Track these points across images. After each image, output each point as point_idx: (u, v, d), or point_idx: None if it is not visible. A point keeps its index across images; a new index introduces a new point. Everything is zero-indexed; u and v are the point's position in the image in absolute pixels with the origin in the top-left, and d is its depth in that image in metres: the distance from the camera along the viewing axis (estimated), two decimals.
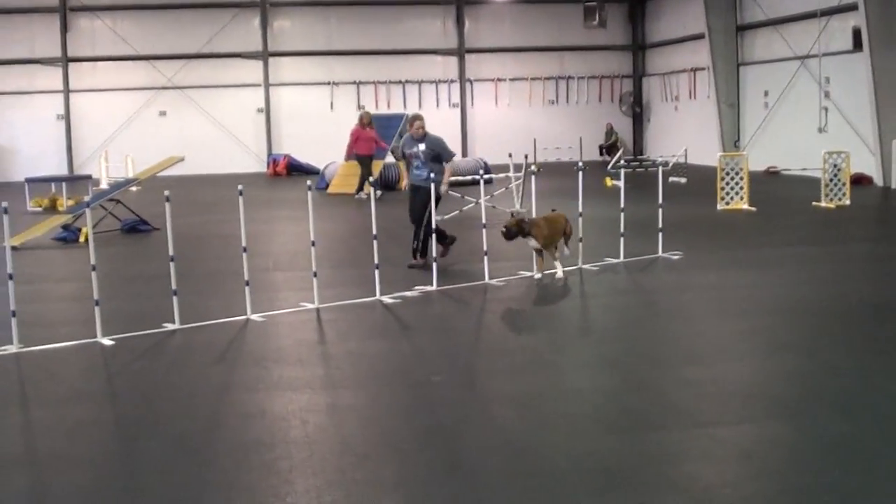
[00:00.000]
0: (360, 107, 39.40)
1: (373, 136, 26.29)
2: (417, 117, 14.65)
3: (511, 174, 21.28)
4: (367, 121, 26.27)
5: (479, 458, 6.62)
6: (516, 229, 13.13)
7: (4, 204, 10.19)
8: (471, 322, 11.12)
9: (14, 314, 10.00)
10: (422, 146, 14.47)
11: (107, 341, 10.22)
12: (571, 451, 6.71)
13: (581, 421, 7.39)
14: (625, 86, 42.40)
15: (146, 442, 7.19)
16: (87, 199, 12.08)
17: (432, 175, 13.74)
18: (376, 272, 12.16)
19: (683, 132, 37.66)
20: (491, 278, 12.98)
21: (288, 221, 20.49)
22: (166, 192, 10.82)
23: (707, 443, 6.78)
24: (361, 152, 26.09)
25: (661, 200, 14.80)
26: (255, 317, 11.18)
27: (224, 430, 7.38)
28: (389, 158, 28.46)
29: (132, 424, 7.70)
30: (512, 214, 13.82)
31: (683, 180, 28.04)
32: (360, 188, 26.12)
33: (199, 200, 25.80)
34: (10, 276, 10.03)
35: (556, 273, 13.18)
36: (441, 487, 6.17)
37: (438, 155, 14.44)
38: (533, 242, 13.23)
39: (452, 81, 41.23)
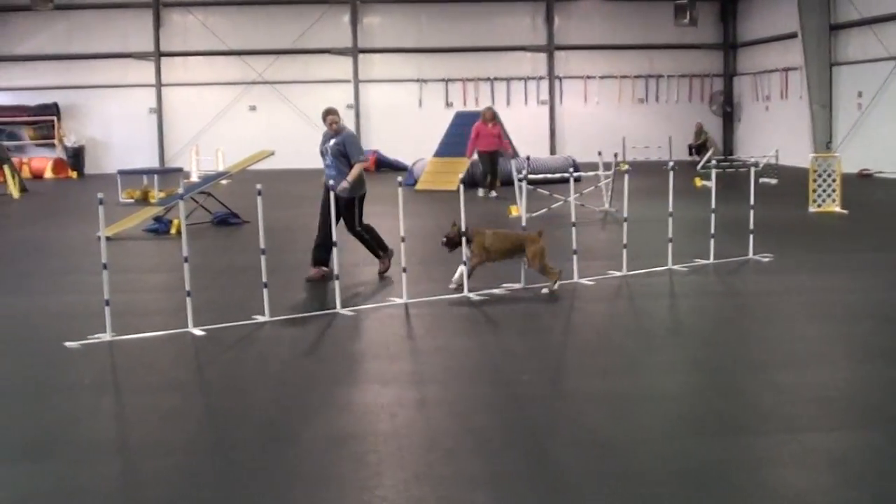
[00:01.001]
0: (448, 104, 39.55)
1: (496, 132, 25.57)
2: (330, 111, 13.63)
3: (600, 173, 21.18)
4: (489, 116, 25.58)
5: (568, 457, 6.60)
6: (458, 239, 12.27)
7: (100, 195, 10.38)
8: (560, 321, 11.08)
9: (108, 303, 10.19)
10: (332, 141, 13.51)
11: (198, 331, 10.37)
12: (661, 453, 6.67)
13: (670, 423, 7.35)
14: (715, 85, 41.96)
15: (237, 431, 7.29)
16: (180, 191, 12.24)
17: (339, 179, 13.16)
18: (464, 269, 12.17)
19: (774, 133, 37.17)
20: (580, 277, 12.93)
21: (376, 217, 20.53)
22: (258, 186, 10.94)
23: (798, 449, 6.69)
24: (484, 149, 25.49)
25: (752, 201, 14.62)
26: (343, 311, 11.26)
27: (314, 421, 7.45)
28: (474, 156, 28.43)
29: (223, 414, 7.82)
30: (454, 224, 12.39)
31: (774, 181, 27.68)
32: (492, 186, 25.47)
33: (288, 194, 26.04)
34: (105, 266, 10.21)
35: (451, 282, 12.32)
36: (529, 486, 6.16)
37: (346, 154, 13.42)
38: (467, 250, 12.29)
39: (541, 78, 41.13)
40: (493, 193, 24.78)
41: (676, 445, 6.81)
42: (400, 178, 12.51)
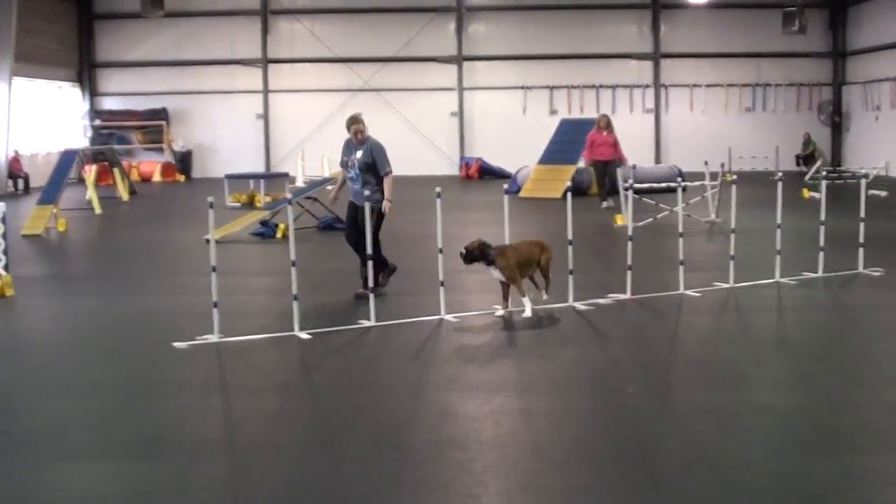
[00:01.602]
0: (552, 111, 39.43)
1: (611, 140, 24.76)
2: (355, 119, 12.80)
3: (707, 182, 20.95)
4: (604, 124, 24.87)
5: (674, 471, 6.53)
6: (478, 253, 11.39)
7: (210, 199, 10.55)
8: (666, 332, 10.97)
9: (216, 305, 10.34)
10: (359, 153, 12.69)
11: (304, 335, 10.48)
12: (769, 470, 6.55)
13: (779, 439, 7.23)
14: (824, 94, 41.19)
15: (344, 434, 7.35)
16: (288, 195, 12.34)
17: (366, 193, 12.45)
18: (570, 278, 12.13)
19: (885, 144, 36.38)
20: (687, 288, 12.79)
21: (480, 224, 20.61)
22: (366, 192, 11.02)
23: None
24: (598, 158, 24.82)
25: (862, 213, 14.32)
26: (448, 317, 11.30)
27: (419, 426, 7.48)
28: (581, 163, 28.30)
29: (330, 416, 7.88)
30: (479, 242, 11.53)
31: (884, 193, 27.09)
32: (601, 196, 24.91)
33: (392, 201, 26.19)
34: (214, 269, 10.37)
35: (523, 312, 11.46)
36: (634, 500, 6.11)
37: (374, 166, 12.70)
38: (496, 274, 11.50)
39: (647, 86, 40.82)
40: (604, 204, 24.37)
41: (785, 463, 6.69)
42: (506, 186, 12.49)
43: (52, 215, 21.83)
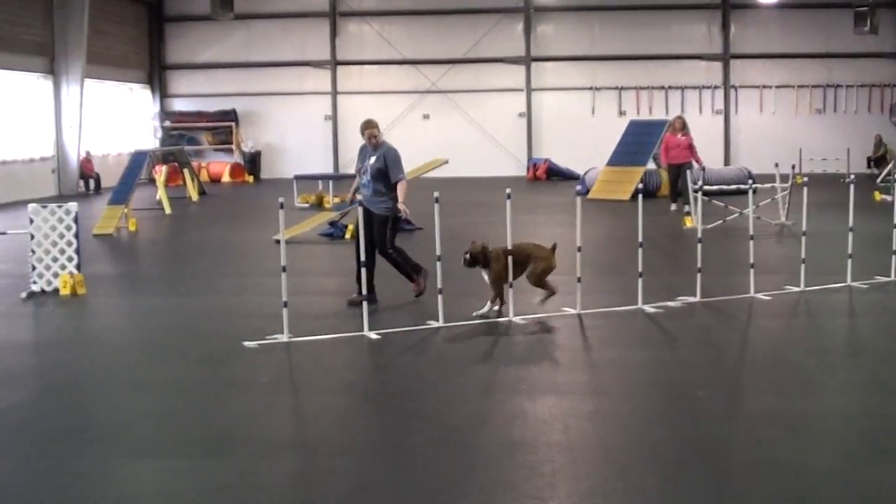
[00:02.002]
0: (621, 112, 39.26)
1: (686, 143, 23.72)
2: (370, 124, 12.68)
3: (777, 185, 20.73)
4: (679, 126, 23.92)
5: (744, 477, 6.47)
6: (481, 256, 11.51)
7: (281, 199, 10.65)
8: (735, 336, 10.88)
9: (286, 304, 10.41)
10: (372, 159, 12.48)
11: (373, 335, 10.53)
12: (841, 477, 6.47)
13: (851, 446, 7.13)
14: (895, 95, 40.61)
15: (412, 435, 7.38)
16: (360, 197, 12.32)
17: (377, 200, 12.29)
18: (639, 280, 12.07)
19: None
20: (757, 291, 12.66)
21: (548, 226, 20.59)
22: (436, 193, 11.06)
23: None
24: (673, 161, 23.74)
25: None
26: (517, 319, 11.28)
27: (488, 428, 7.49)
28: (650, 164, 28.12)
29: (398, 417, 7.91)
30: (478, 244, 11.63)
31: None
32: (673, 199, 24.02)
33: (460, 202, 26.17)
34: (284, 268, 10.45)
35: (482, 309, 11.56)
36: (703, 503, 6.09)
37: (386, 173, 12.41)
38: (486, 277, 11.65)
39: (716, 87, 40.44)
40: (674, 206, 23.90)
41: (858, 470, 6.60)
42: (578, 187, 12.43)
43: (122, 215, 22.13)
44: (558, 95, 40.44)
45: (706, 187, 17.29)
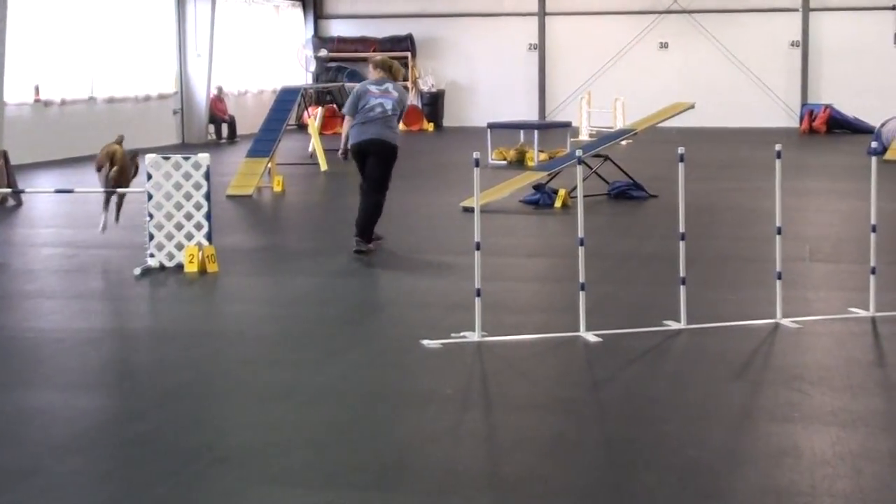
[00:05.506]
0: None
1: None
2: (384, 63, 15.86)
3: None
4: None
5: None
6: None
7: (476, 154, 10.66)
8: None
9: (479, 293, 10.43)
10: (394, 92, 15.30)
11: (591, 337, 10.49)
12: None
13: None
14: None
15: (643, 473, 7.31)
16: (571, 151, 12.29)
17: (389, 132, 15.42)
18: None
19: None
20: None
21: (828, 195, 20.23)
22: (680, 149, 10.92)
23: None
24: None
25: None
26: (786, 321, 11.07)
27: (746, 468, 7.37)
28: None
29: (625, 448, 7.84)
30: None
31: None
32: None
33: (707, 161, 25.89)
34: (478, 246, 10.47)
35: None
36: None
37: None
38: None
39: None
40: None
41: None
42: (874, 144, 12.14)
43: (265, 171, 22.49)
44: (847, 18, 39.42)
45: None
